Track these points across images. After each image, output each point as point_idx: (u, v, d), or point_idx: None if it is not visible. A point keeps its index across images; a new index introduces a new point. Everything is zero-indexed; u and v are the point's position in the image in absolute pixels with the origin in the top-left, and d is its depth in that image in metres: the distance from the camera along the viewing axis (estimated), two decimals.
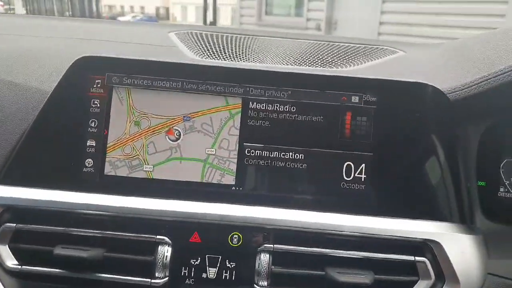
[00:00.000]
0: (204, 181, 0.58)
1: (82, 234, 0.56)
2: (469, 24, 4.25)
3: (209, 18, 8.28)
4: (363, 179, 0.57)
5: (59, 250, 0.54)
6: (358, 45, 0.83)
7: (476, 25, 4.15)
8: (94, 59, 0.59)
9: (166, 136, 0.58)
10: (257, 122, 0.58)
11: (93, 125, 0.58)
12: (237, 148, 0.58)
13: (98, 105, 0.59)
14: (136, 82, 0.58)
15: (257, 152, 0.58)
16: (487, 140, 0.60)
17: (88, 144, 0.58)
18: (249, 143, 0.58)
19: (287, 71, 0.59)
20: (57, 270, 0.55)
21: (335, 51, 0.79)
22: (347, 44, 0.84)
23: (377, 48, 0.82)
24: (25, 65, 0.66)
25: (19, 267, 0.56)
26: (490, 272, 0.58)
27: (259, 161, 0.58)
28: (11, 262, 0.56)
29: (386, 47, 0.83)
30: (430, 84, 0.57)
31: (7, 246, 0.56)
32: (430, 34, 4.56)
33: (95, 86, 0.59)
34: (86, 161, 0.58)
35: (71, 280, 0.55)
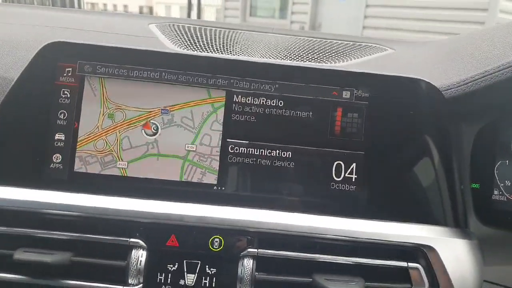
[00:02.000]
0: (183, 180, 0.53)
1: (47, 236, 0.51)
2: (450, 30, 4.33)
3: (193, 18, 8.24)
4: (353, 180, 0.54)
5: (20, 255, 0.49)
6: (346, 42, 0.81)
7: (457, 31, 4.24)
8: (64, 45, 0.54)
9: (143, 130, 0.54)
10: (242, 117, 0.54)
11: (62, 117, 0.53)
12: (220, 145, 0.54)
13: (68, 96, 0.54)
14: (111, 72, 0.54)
15: (242, 149, 0.54)
16: (481, 141, 0.58)
17: (56, 137, 0.53)
18: (233, 140, 0.54)
19: (275, 62, 0.55)
20: (18, 276, 0.50)
21: (324, 46, 0.76)
22: (335, 41, 0.81)
23: (366, 45, 0.80)
24: None
25: None
26: (486, 280, 0.55)
27: (243, 159, 0.54)
28: None
29: (374, 44, 0.80)
30: (425, 80, 0.54)
31: None
32: (412, 39, 4.63)
33: (65, 74, 0.54)
34: (54, 156, 0.53)
35: (34, 287, 0.50)
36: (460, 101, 0.54)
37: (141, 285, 0.50)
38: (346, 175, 0.54)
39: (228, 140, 0.54)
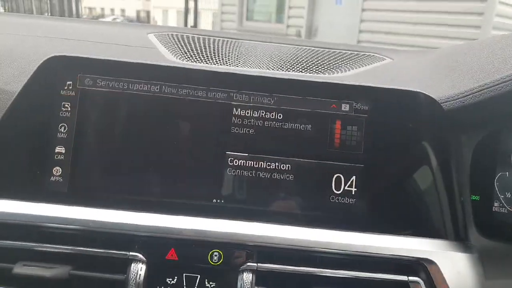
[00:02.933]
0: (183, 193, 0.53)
1: (46, 250, 0.51)
2: (446, 34, 4.35)
3: (190, 22, 8.23)
4: (353, 193, 0.53)
5: (19, 269, 0.48)
6: (344, 51, 0.81)
7: (453, 35, 4.26)
8: (65, 59, 0.54)
9: None
10: (241, 130, 0.54)
11: (62, 130, 0.53)
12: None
13: (69, 109, 0.53)
14: (111, 85, 0.53)
15: (241, 162, 0.54)
16: (481, 153, 0.58)
17: (56, 150, 0.53)
18: (232, 152, 0.54)
19: (274, 76, 0.55)
20: None
21: (321, 56, 0.76)
22: (332, 50, 0.81)
23: (364, 54, 0.80)
24: None
25: None
26: None
27: (242, 172, 0.53)
28: None
29: (372, 54, 0.80)
30: (424, 93, 0.54)
31: None
32: (408, 43, 4.64)
33: (65, 88, 0.54)
34: (54, 169, 0.53)
35: None
36: (459, 113, 0.54)
37: None
38: (346, 188, 0.53)
39: (227, 152, 0.54)
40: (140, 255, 0.50)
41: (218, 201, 0.53)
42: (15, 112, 0.53)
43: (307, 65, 0.69)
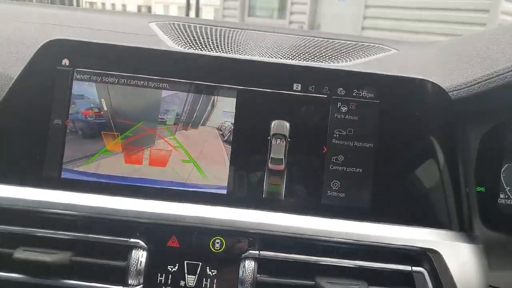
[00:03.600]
0: (187, 182, 0.52)
1: (47, 235, 0.50)
2: (451, 31, 4.33)
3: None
4: (358, 182, 0.53)
5: (20, 254, 0.48)
6: (349, 42, 0.80)
7: (458, 33, 4.24)
8: (63, 43, 0.53)
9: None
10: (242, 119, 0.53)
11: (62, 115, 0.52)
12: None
13: (67, 93, 0.53)
14: (110, 74, 0.53)
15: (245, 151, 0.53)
16: (487, 144, 0.57)
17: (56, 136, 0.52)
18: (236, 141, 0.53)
19: (285, 62, 0.54)
20: (18, 275, 0.49)
21: (325, 46, 0.75)
22: (337, 41, 0.80)
23: (369, 45, 0.79)
24: None
25: None
26: (491, 285, 0.55)
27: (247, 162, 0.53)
28: None
29: (377, 45, 0.79)
30: (431, 80, 0.53)
31: None
32: (412, 40, 4.62)
33: (63, 73, 0.53)
34: (55, 154, 0.52)
35: (34, 287, 0.49)
36: (467, 103, 0.53)
37: (141, 285, 0.49)
38: (351, 176, 0.53)
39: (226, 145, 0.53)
40: (141, 242, 0.50)
41: (221, 189, 0.52)
42: (14, 96, 0.52)
43: (311, 55, 0.68)
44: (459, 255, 0.51)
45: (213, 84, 0.53)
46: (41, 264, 0.47)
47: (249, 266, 0.49)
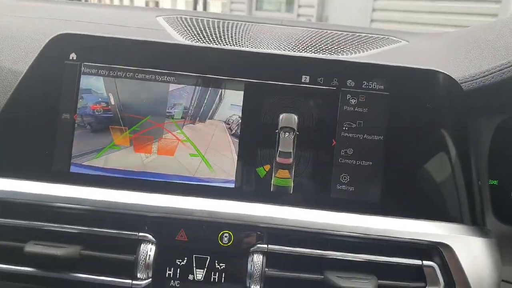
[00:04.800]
0: (195, 176, 0.52)
1: (57, 229, 0.50)
2: (462, 23, 4.25)
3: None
4: (368, 175, 0.52)
5: (30, 247, 0.48)
6: (358, 34, 0.78)
7: (469, 24, 4.16)
8: (70, 38, 0.53)
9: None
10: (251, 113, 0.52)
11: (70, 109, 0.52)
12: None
13: (75, 88, 0.53)
14: (118, 68, 0.53)
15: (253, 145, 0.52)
16: (500, 136, 0.56)
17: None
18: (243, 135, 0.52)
19: (293, 55, 0.53)
20: (28, 269, 0.50)
21: (334, 38, 0.74)
22: (346, 33, 0.79)
23: (378, 37, 0.77)
24: None
25: None
26: (504, 279, 0.54)
27: (255, 154, 0.52)
28: None
29: (387, 36, 0.78)
30: (443, 72, 0.52)
31: None
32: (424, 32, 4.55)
33: (71, 67, 0.53)
34: (64, 149, 0.52)
35: (44, 280, 0.50)
36: (479, 94, 0.52)
37: (150, 279, 0.49)
38: (361, 170, 0.52)
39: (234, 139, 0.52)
40: (149, 236, 0.50)
41: (229, 182, 0.52)
42: (23, 92, 0.53)
43: (320, 47, 0.68)
44: (471, 249, 0.50)
45: (221, 77, 0.53)
46: (51, 257, 0.48)
47: (257, 260, 0.49)
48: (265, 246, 0.50)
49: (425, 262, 0.50)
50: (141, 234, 0.50)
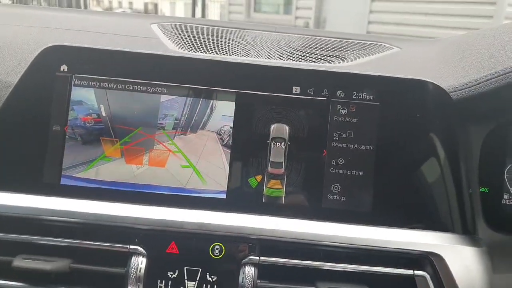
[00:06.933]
0: (186, 187, 0.52)
1: (46, 243, 0.50)
2: (457, 24, 4.26)
3: (198, 14, 8.21)
4: (359, 185, 0.52)
5: (19, 262, 0.48)
6: (351, 41, 0.79)
7: (465, 26, 4.17)
8: (61, 49, 0.53)
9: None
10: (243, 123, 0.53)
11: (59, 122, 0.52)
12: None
13: (66, 100, 0.53)
14: (108, 80, 0.53)
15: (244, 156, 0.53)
16: (490, 144, 0.56)
17: (54, 143, 0.52)
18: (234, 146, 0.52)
19: (283, 65, 0.53)
20: (17, 283, 0.49)
21: (327, 46, 0.74)
22: (339, 39, 0.79)
23: (371, 43, 0.78)
24: None
25: None
26: None
27: (246, 165, 0.52)
28: None
29: (380, 43, 0.78)
30: (432, 81, 0.52)
31: None
32: (419, 34, 4.57)
33: (61, 79, 0.53)
34: (52, 162, 0.52)
35: None
36: (469, 103, 0.52)
37: None
38: (351, 180, 0.52)
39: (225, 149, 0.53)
40: (140, 248, 0.50)
41: (220, 193, 0.52)
42: (14, 103, 0.53)
43: (313, 55, 0.68)
44: (462, 259, 0.50)
45: (212, 88, 0.53)
46: (41, 272, 0.48)
47: (249, 272, 0.49)
48: (257, 258, 0.50)
49: (417, 272, 0.50)
50: (131, 246, 0.50)
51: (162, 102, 0.53)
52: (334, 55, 0.69)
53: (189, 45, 0.67)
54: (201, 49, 0.66)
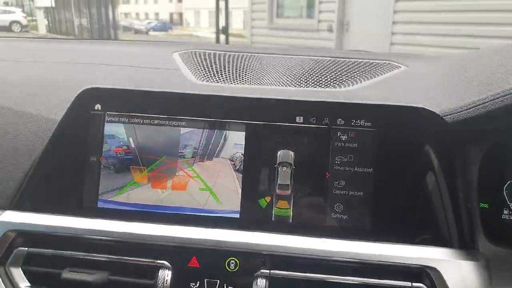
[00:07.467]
0: (205, 208, 0.59)
1: (88, 258, 0.59)
2: (484, 33, 4.10)
3: (222, 22, 8.36)
4: (361, 205, 0.57)
5: (66, 274, 0.57)
6: (361, 60, 0.83)
7: (492, 34, 4.01)
8: (95, 91, 0.62)
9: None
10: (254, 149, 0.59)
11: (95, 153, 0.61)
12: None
13: (101, 133, 0.61)
14: (137, 116, 0.61)
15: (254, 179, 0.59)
16: (489, 161, 0.59)
17: (92, 171, 0.61)
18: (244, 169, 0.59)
19: (289, 98, 0.60)
20: None
21: (336, 68, 0.79)
22: (348, 60, 0.84)
23: (379, 62, 0.82)
24: (35, 94, 0.69)
25: None
26: None
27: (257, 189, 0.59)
28: (24, 284, 0.58)
29: (388, 61, 0.82)
30: (426, 108, 0.57)
31: (20, 268, 0.59)
32: (443, 33, 4.46)
33: (96, 116, 0.61)
34: (93, 187, 0.60)
35: None
36: (465, 125, 0.56)
37: None
38: (353, 200, 0.57)
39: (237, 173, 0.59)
40: (166, 263, 0.57)
41: (234, 213, 0.59)
42: (58, 139, 0.62)
43: (320, 79, 0.73)
44: (459, 273, 0.54)
45: (225, 120, 0.59)
46: (84, 283, 0.56)
47: (261, 284, 0.55)
48: (268, 271, 0.56)
49: (415, 284, 0.54)
50: (158, 261, 0.57)
51: (182, 133, 0.60)
52: (341, 78, 0.74)
53: (206, 74, 0.74)
54: (216, 77, 0.72)
